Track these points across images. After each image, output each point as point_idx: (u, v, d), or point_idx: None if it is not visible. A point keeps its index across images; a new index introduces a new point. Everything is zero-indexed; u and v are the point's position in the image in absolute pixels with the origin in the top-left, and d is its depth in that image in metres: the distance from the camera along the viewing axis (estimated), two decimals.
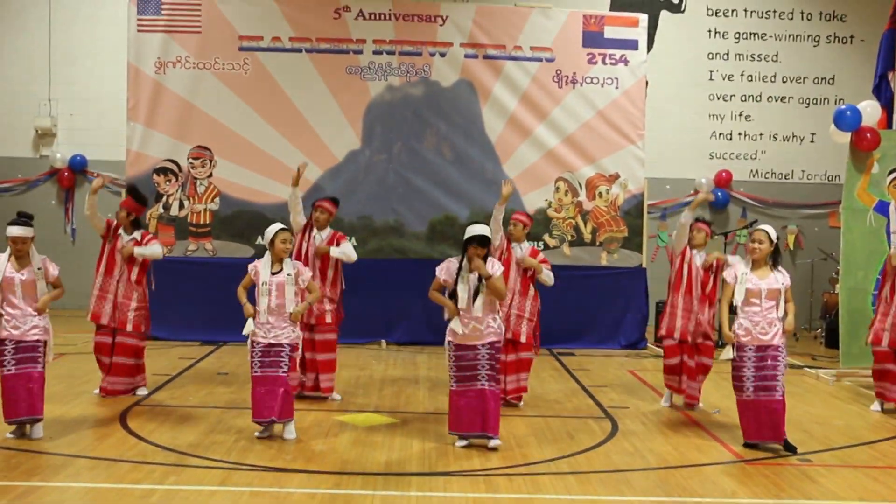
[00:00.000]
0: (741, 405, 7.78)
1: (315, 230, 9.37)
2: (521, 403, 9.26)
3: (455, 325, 7.44)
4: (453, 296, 7.47)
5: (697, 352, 9.18)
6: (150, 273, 9.45)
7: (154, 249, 9.25)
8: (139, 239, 9.26)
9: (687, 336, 9.13)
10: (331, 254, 9.24)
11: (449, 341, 7.51)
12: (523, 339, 9.15)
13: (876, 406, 9.50)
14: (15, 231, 7.42)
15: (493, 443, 7.44)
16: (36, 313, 7.43)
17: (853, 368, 11.05)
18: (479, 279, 7.35)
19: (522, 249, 9.21)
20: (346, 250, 9.33)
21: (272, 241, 7.70)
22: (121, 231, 9.27)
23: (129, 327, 9.17)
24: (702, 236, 9.21)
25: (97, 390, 9.22)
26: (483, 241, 7.40)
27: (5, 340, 7.38)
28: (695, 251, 9.20)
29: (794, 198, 16.49)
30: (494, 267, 7.47)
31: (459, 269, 7.49)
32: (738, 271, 7.80)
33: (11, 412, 7.38)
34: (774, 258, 7.81)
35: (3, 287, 7.36)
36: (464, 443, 7.52)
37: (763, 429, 7.64)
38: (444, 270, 7.59)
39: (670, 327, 9.25)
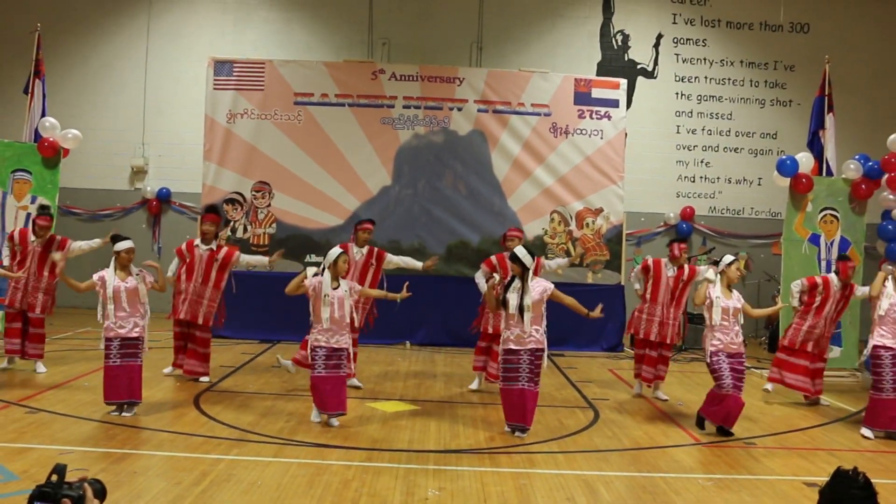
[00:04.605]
0: (715, 395, 7.60)
1: (356, 248, 9.42)
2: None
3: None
4: (504, 303, 7.29)
5: (659, 347, 9.28)
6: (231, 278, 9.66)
7: (260, 259, 9.96)
8: (215, 249, 9.43)
9: (654, 336, 9.25)
10: (391, 264, 9.80)
11: (502, 349, 7.37)
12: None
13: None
14: (127, 244, 7.69)
15: (517, 433, 7.33)
16: (139, 315, 7.56)
17: None
18: (523, 296, 7.18)
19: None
20: (397, 260, 9.94)
21: (335, 262, 7.47)
22: (197, 243, 9.41)
23: (200, 320, 9.34)
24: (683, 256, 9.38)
25: (166, 370, 9.49)
26: (515, 259, 7.33)
27: (113, 338, 7.48)
28: (669, 265, 9.29)
29: (744, 230, 16.45)
30: (541, 285, 7.33)
31: (512, 280, 7.35)
32: (713, 294, 7.65)
33: (113, 395, 7.46)
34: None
35: (113, 297, 7.46)
36: (510, 430, 7.38)
37: (730, 418, 7.59)
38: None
39: (647, 331, 9.29)
